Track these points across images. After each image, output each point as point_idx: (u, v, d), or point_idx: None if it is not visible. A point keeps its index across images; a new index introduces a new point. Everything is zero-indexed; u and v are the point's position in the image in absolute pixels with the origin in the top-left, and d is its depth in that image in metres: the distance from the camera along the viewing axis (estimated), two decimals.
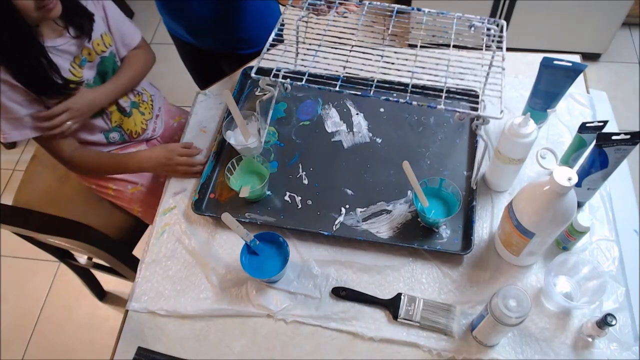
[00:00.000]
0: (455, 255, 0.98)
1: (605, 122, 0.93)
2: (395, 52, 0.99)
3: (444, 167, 1.10)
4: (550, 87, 1.02)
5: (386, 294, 0.96)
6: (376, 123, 1.19)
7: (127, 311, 0.99)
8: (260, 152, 1.14)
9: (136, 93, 1.31)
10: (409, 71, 0.92)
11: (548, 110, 1.06)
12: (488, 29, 0.98)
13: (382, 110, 1.21)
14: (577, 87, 1.19)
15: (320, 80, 0.93)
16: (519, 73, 1.25)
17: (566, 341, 0.89)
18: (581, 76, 1.14)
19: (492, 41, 0.97)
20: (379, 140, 1.16)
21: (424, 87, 1.15)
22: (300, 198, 1.08)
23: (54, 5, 0.95)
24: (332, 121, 1.20)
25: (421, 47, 0.95)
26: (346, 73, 0.93)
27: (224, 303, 0.97)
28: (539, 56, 1.01)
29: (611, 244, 0.99)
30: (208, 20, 1.34)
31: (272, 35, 0.97)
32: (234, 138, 1.12)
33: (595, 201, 1.03)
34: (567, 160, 1.02)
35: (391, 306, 0.94)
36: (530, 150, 0.95)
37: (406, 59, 0.95)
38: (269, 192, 1.09)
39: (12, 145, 2.34)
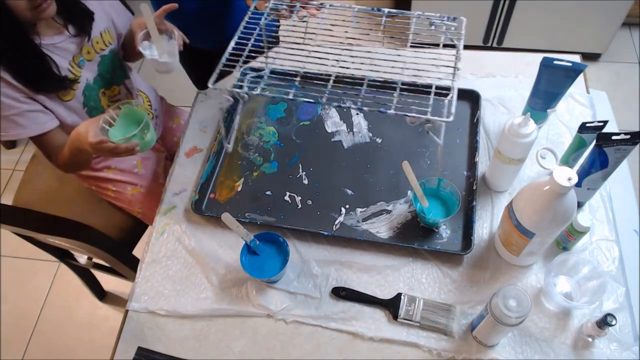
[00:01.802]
0: (455, 255, 0.98)
1: (605, 122, 0.93)
2: (351, 50, 0.97)
3: (444, 167, 1.10)
4: (550, 87, 1.02)
5: (386, 294, 0.96)
6: (376, 123, 1.19)
7: (127, 311, 0.99)
8: (172, 70, 1.07)
9: (135, 96, 1.31)
10: (368, 70, 0.91)
11: (548, 110, 1.06)
12: (447, 27, 0.97)
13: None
14: (577, 87, 1.19)
15: (279, 83, 0.94)
16: (519, 73, 1.25)
17: (566, 341, 0.89)
18: (581, 76, 1.14)
19: (450, 38, 0.96)
20: (379, 140, 1.16)
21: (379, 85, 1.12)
22: (300, 198, 1.08)
23: (47, 5, 0.95)
24: (332, 121, 1.20)
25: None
26: (304, 81, 0.93)
27: (224, 303, 0.97)
28: (539, 56, 1.01)
29: (611, 244, 0.99)
30: (199, 19, 1.33)
31: (232, 44, 0.96)
32: (149, 51, 1.05)
33: (595, 201, 1.03)
34: (567, 160, 1.02)
35: (391, 306, 0.94)
36: (530, 150, 0.95)
37: (362, 62, 0.94)
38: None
39: (12, 145, 2.34)
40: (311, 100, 0.89)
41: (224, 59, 0.94)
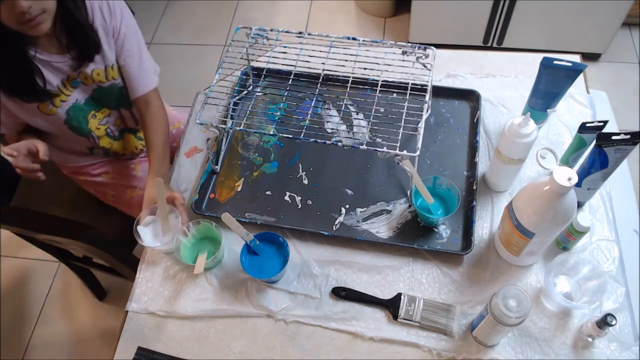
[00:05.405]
0: (455, 255, 0.98)
1: (605, 122, 0.93)
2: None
3: (444, 167, 1.10)
4: (550, 87, 1.02)
5: (386, 294, 0.96)
6: (376, 123, 1.18)
7: (127, 311, 0.99)
8: (170, 252, 1.03)
9: (136, 120, 1.30)
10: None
11: (548, 110, 1.06)
12: (418, 56, 1.04)
13: (382, 110, 1.21)
14: (577, 87, 1.19)
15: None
16: (519, 73, 1.25)
17: (566, 341, 0.89)
18: (581, 76, 1.14)
19: (421, 63, 1.04)
20: (379, 140, 1.16)
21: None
22: (300, 198, 1.08)
23: (36, 24, 0.91)
24: (332, 121, 1.20)
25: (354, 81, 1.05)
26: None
27: (224, 303, 0.97)
28: (539, 56, 1.01)
29: (611, 244, 0.99)
30: None
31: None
32: (151, 234, 1.01)
33: (595, 201, 1.03)
34: (567, 160, 1.02)
35: (391, 306, 0.94)
36: (530, 150, 0.95)
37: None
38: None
39: None
40: (289, 136, 0.96)
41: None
